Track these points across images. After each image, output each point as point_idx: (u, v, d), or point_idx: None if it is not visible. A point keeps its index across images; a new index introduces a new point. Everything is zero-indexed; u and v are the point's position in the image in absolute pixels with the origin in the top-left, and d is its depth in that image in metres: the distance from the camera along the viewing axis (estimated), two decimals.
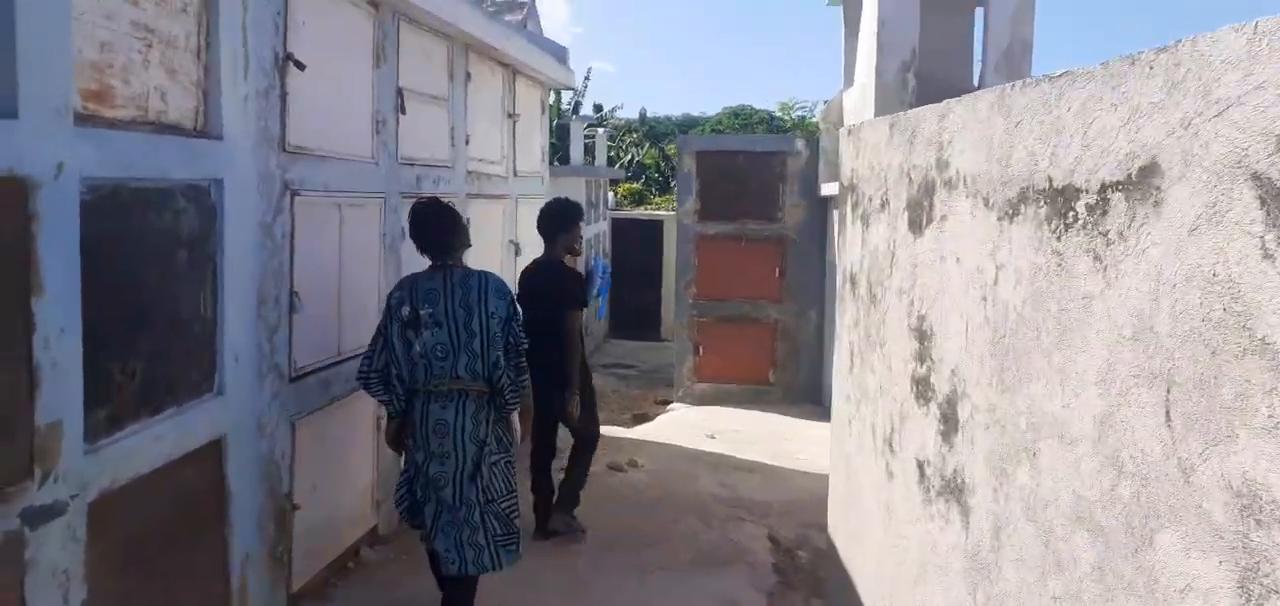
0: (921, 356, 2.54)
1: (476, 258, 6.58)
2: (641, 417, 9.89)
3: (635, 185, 24.48)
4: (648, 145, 27.41)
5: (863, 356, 3.08)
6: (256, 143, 3.73)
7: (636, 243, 16.39)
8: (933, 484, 2.44)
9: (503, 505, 3.84)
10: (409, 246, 5.42)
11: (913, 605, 2.60)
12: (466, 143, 6.32)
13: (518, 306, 3.92)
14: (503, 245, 7.25)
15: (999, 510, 2.07)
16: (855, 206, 3.21)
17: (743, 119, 27.82)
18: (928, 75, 7.85)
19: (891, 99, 7.79)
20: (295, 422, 4.13)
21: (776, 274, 9.64)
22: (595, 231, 14.15)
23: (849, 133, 3.24)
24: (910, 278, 2.62)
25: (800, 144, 9.64)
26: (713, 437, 8.28)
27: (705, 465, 7.41)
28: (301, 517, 4.19)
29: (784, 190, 9.64)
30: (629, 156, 25.44)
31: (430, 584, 4.22)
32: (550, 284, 5.22)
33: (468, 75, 6.31)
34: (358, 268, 4.77)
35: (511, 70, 7.30)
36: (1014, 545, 1.99)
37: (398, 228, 5.23)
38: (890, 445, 2.76)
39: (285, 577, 4.07)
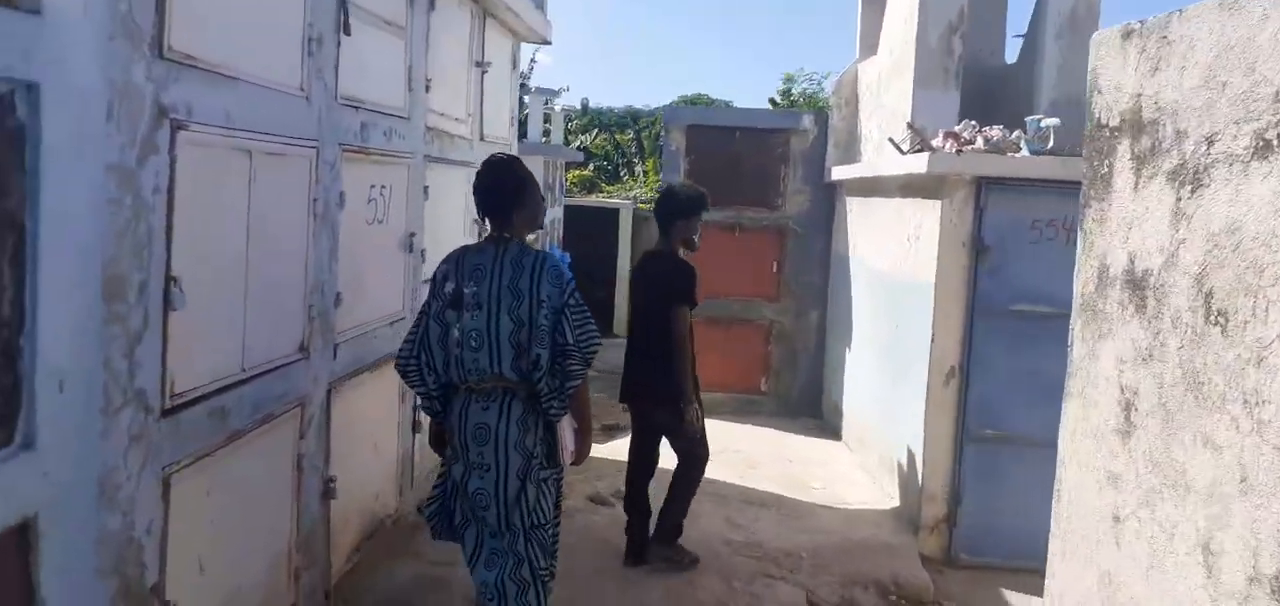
0: None
1: (432, 239, 5.15)
2: (612, 429, 8.51)
3: (587, 171, 23.08)
4: (596, 131, 26.05)
5: (1171, 418, 1.76)
6: (106, 31, 2.29)
7: (590, 232, 15.05)
8: None
9: (549, 531, 3.33)
10: (354, 220, 4.06)
11: None
12: (427, 89, 4.88)
13: (578, 297, 3.23)
14: (464, 225, 5.82)
15: None
16: (1149, 155, 1.88)
17: (700, 108, 26.63)
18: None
19: (934, 67, 6.53)
20: (170, 477, 2.68)
21: (774, 268, 8.36)
22: (550, 217, 12.75)
23: (1129, 36, 1.95)
24: None
25: (807, 120, 8.36)
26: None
27: (707, 497, 6.05)
28: None
29: (786, 173, 8.36)
30: (576, 142, 24.07)
31: None
32: (658, 276, 4.72)
33: (431, 1, 4.86)
34: (276, 245, 3.32)
35: (482, 8, 5.86)
36: None
37: (335, 192, 3.78)
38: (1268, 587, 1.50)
39: None
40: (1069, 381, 2.22)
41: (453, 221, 5.62)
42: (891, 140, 6.33)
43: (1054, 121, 5.65)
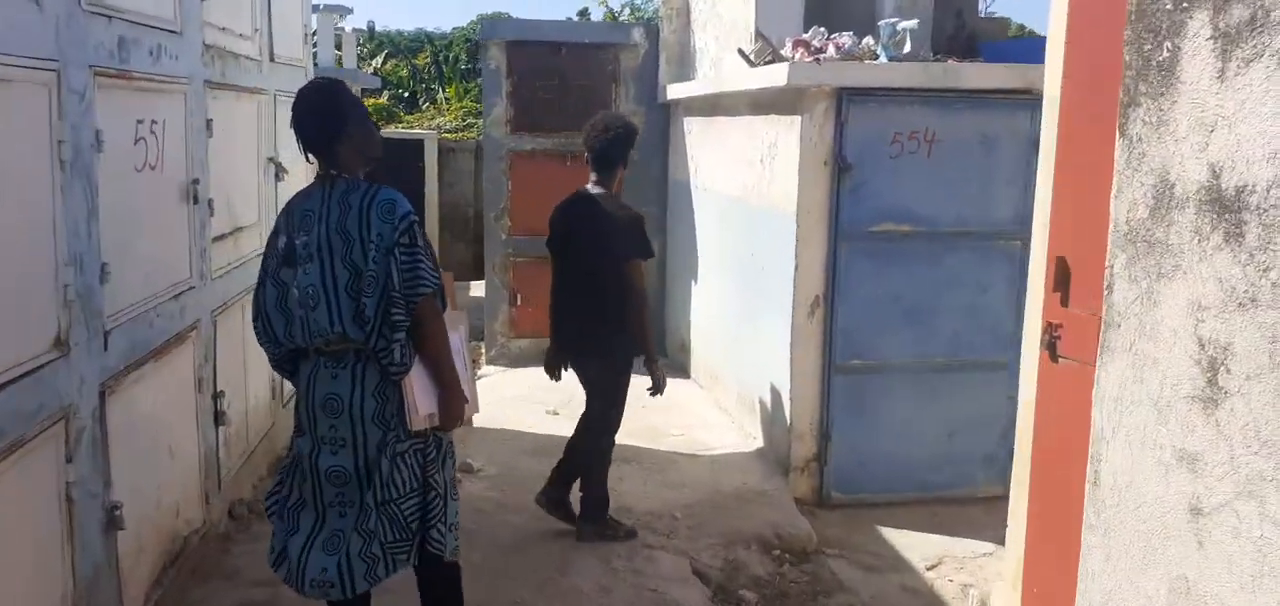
0: None
1: (220, 187, 4.22)
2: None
3: (382, 99, 21.56)
4: (386, 54, 24.39)
5: None
6: None
7: (393, 166, 13.90)
8: None
9: (404, 506, 2.87)
10: (117, 167, 3.13)
11: None
12: None
13: (413, 233, 2.77)
14: (258, 164, 4.87)
15: None
16: (1246, 30, 1.42)
17: (522, 21, 25.34)
18: None
19: None
20: None
21: None
22: None
23: None
24: None
25: (638, 33, 7.75)
26: (556, 414, 6.36)
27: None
28: None
29: (617, 94, 7.75)
30: (368, 68, 22.37)
31: None
32: (602, 224, 4.26)
33: None
34: (4, 207, 2.41)
35: None
36: None
37: (89, 130, 2.85)
38: None
39: None
40: (1109, 333, 1.78)
41: (244, 163, 4.67)
42: (740, 52, 5.85)
43: (912, 23, 5.34)
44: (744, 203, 6.03)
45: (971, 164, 5.24)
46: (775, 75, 5.14)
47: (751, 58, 5.77)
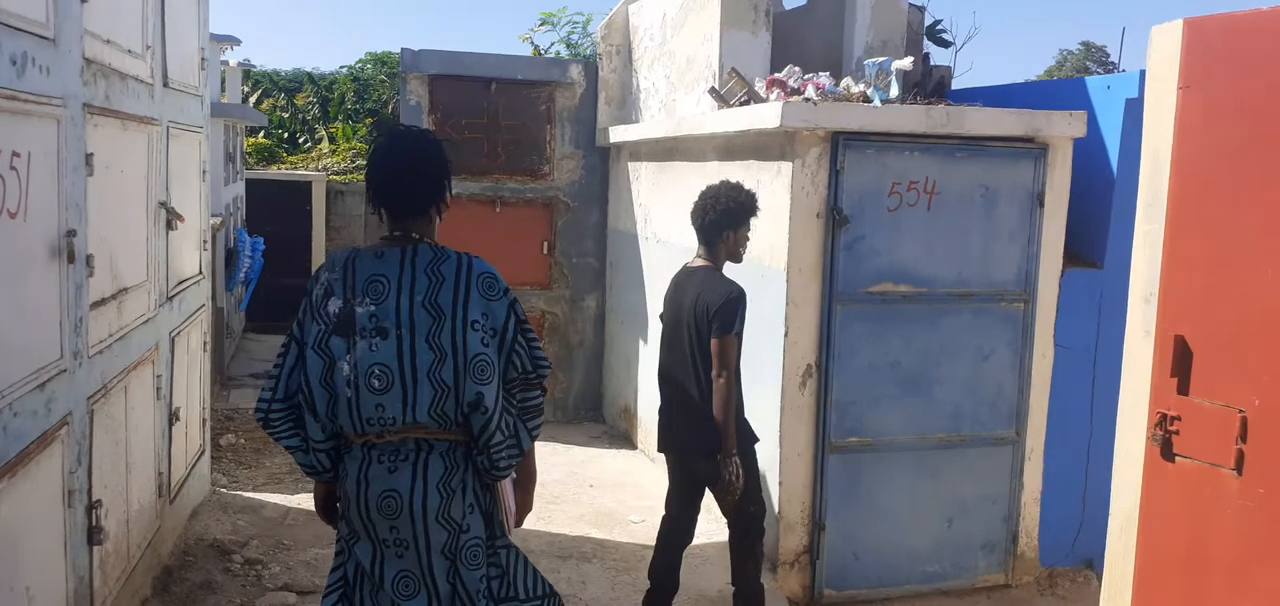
0: None
1: (101, 240, 3.31)
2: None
3: (265, 139, 20.22)
4: (261, 93, 23.01)
5: None
6: None
7: (279, 210, 12.78)
8: None
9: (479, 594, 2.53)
10: None
11: None
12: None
13: (521, 308, 2.52)
14: (148, 210, 3.96)
15: None
16: None
17: (391, 68, 24.29)
18: None
19: (744, 5, 5.54)
20: None
21: (543, 250, 7.04)
22: (232, 194, 10.48)
23: None
24: None
25: (575, 70, 7.06)
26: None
27: None
28: None
29: (553, 135, 7.04)
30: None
31: None
32: (700, 298, 3.79)
33: None
34: None
35: None
36: None
37: None
38: None
39: None
40: None
41: (131, 209, 3.75)
42: (713, 91, 5.23)
43: (905, 62, 4.83)
44: None
45: (973, 218, 4.74)
46: (764, 116, 4.53)
47: (726, 97, 5.16)
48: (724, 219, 3.86)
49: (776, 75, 5.24)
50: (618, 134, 6.72)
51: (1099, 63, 33.37)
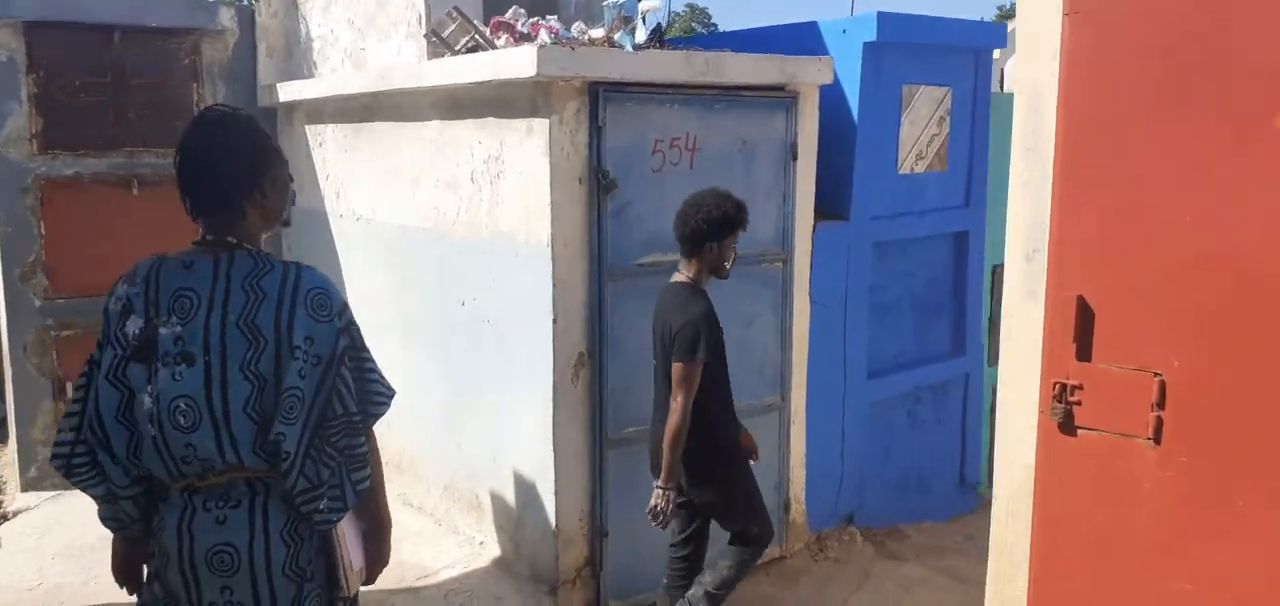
0: None
1: None
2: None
3: None
4: None
5: None
6: None
7: None
8: None
9: None
10: None
11: None
12: None
13: (357, 331, 2.16)
14: None
15: None
16: None
17: None
18: None
19: None
20: None
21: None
22: None
23: None
24: None
25: (226, 16, 5.74)
26: None
27: None
28: None
29: (201, 94, 5.69)
30: None
31: None
32: (668, 314, 3.46)
33: None
34: None
35: None
36: None
37: None
38: None
39: None
40: None
41: None
42: (434, 35, 4.36)
43: (654, 4, 4.33)
44: (444, 236, 4.55)
45: (734, 176, 4.37)
46: (513, 64, 3.80)
47: (447, 42, 4.32)
48: (707, 229, 3.48)
49: (503, 18, 4.51)
50: (289, 92, 5.57)
51: None
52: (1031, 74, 2.49)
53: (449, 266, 4.52)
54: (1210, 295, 2.20)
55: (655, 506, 3.42)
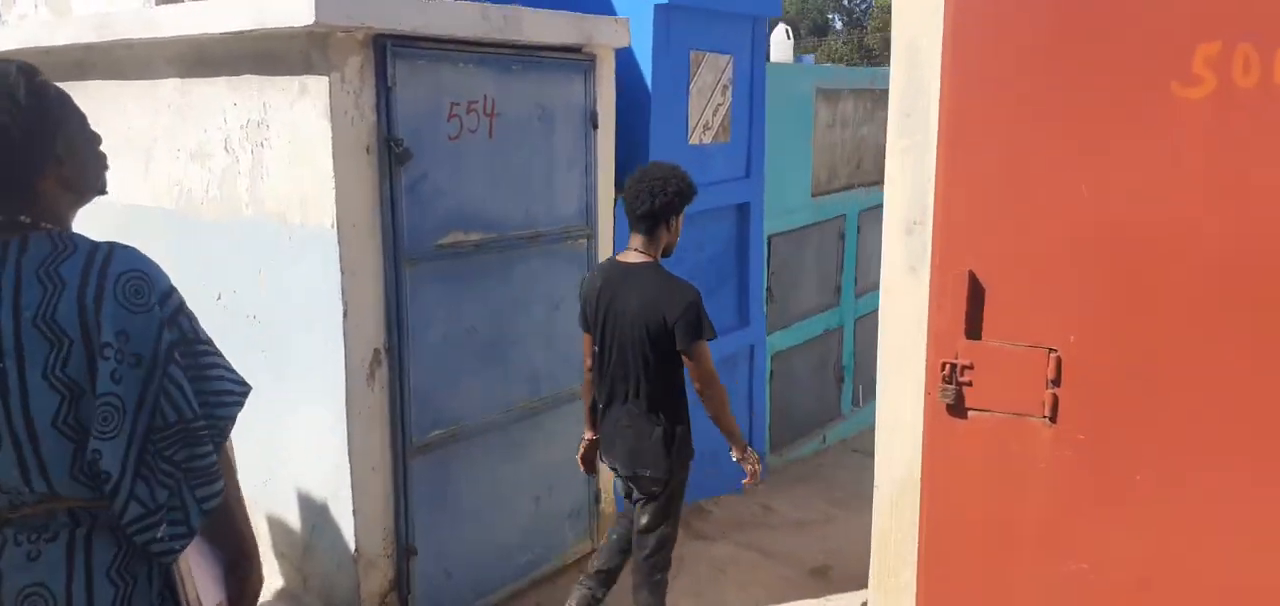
0: None
1: None
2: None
3: None
4: None
5: None
6: None
7: None
8: None
9: None
10: None
11: None
12: None
13: (189, 318, 1.77)
14: None
15: None
16: None
17: None
18: None
19: None
20: None
21: None
22: None
23: None
24: None
25: None
26: None
27: None
28: None
29: None
30: None
31: None
32: (659, 300, 3.20)
33: None
34: None
35: None
36: None
37: None
38: None
39: None
40: None
41: None
42: None
43: None
44: (190, 217, 3.80)
45: (535, 145, 4.00)
46: (284, 9, 3.17)
47: None
48: (675, 203, 3.31)
49: None
50: None
51: None
52: (910, 30, 2.33)
53: (199, 254, 3.78)
54: (1106, 267, 2.13)
55: (754, 471, 3.39)
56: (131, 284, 1.69)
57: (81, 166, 1.78)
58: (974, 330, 2.28)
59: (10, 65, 1.74)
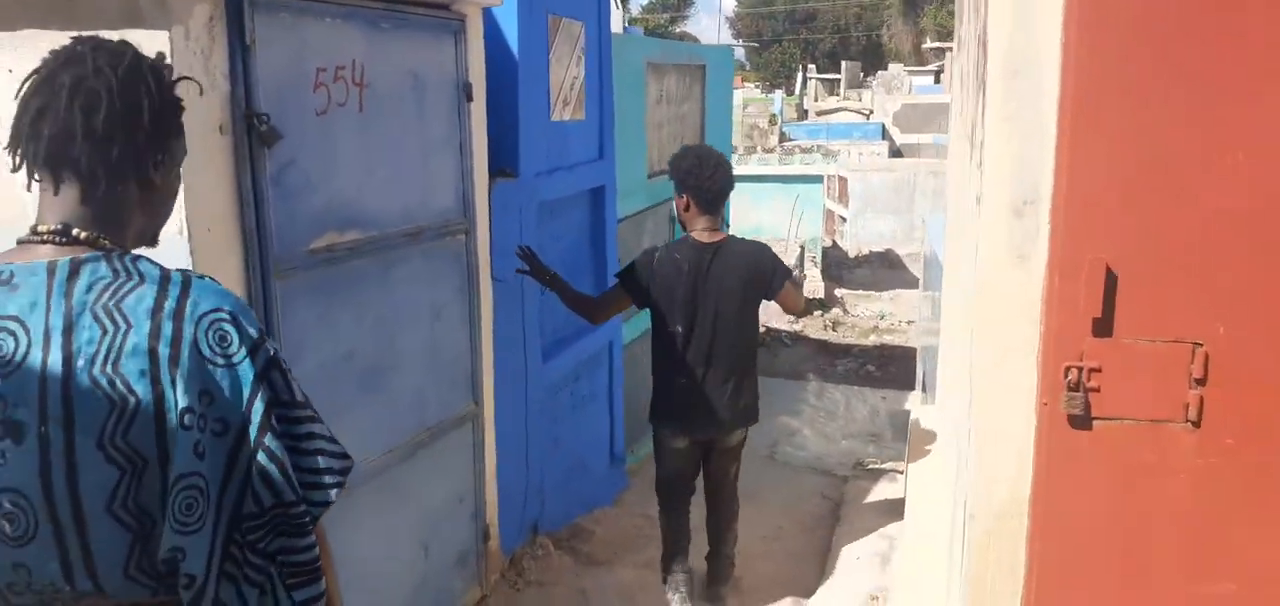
0: None
1: None
2: None
3: None
4: None
5: None
6: None
7: None
8: None
9: None
10: None
11: None
12: None
13: (284, 368, 1.47)
14: None
15: None
16: None
17: None
18: None
19: None
20: None
21: None
22: None
23: None
24: None
25: None
26: None
27: None
28: None
29: None
30: None
31: None
32: (756, 263, 3.60)
33: None
34: None
35: None
36: None
37: None
38: None
39: None
40: None
41: None
42: None
43: None
44: None
45: (408, 120, 3.28)
46: None
47: None
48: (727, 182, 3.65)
49: None
50: None
51: None
52: None
53: None
54: (1263, 247, 1.86)
55: None
56: (216, 329, 1.38)
57: (170, 189, 1.53)
58: (1104, 327, 1.93)
59: (98, 37, 1.48)
